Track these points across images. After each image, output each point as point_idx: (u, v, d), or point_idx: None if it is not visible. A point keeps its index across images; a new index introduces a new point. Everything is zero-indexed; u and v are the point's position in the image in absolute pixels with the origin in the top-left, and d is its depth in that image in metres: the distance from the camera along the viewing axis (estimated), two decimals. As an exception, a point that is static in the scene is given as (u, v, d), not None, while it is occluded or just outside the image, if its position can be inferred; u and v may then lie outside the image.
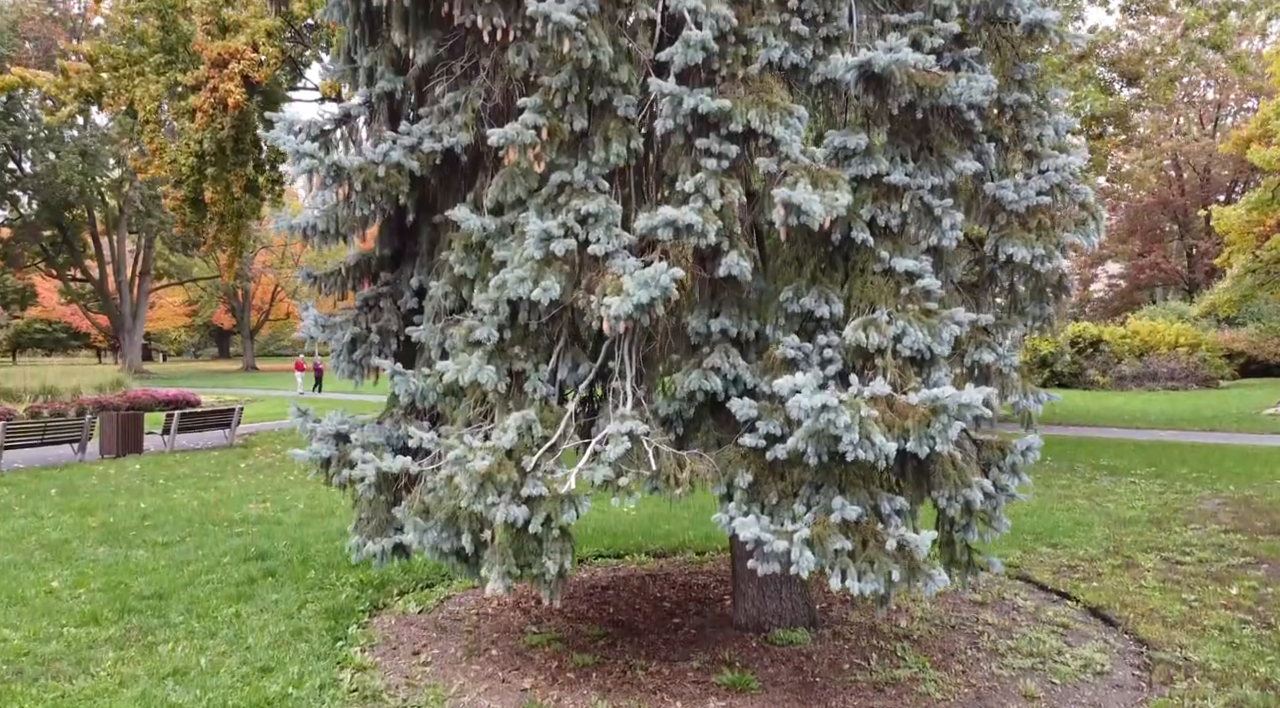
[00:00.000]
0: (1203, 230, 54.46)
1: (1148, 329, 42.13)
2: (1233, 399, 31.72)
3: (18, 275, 65.26)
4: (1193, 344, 41.56)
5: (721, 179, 5.01)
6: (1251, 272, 32.10)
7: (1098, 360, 39.62)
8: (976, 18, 5.43)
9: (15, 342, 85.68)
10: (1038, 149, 5.46)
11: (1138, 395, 34.83)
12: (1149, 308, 56.75)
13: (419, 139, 5.61)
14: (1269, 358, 43.92)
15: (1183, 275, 66.01)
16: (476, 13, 5.43)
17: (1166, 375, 38.74)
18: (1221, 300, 34.98)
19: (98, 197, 57.92)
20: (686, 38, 5.00)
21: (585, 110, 5.28)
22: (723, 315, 5.23)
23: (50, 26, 55.66)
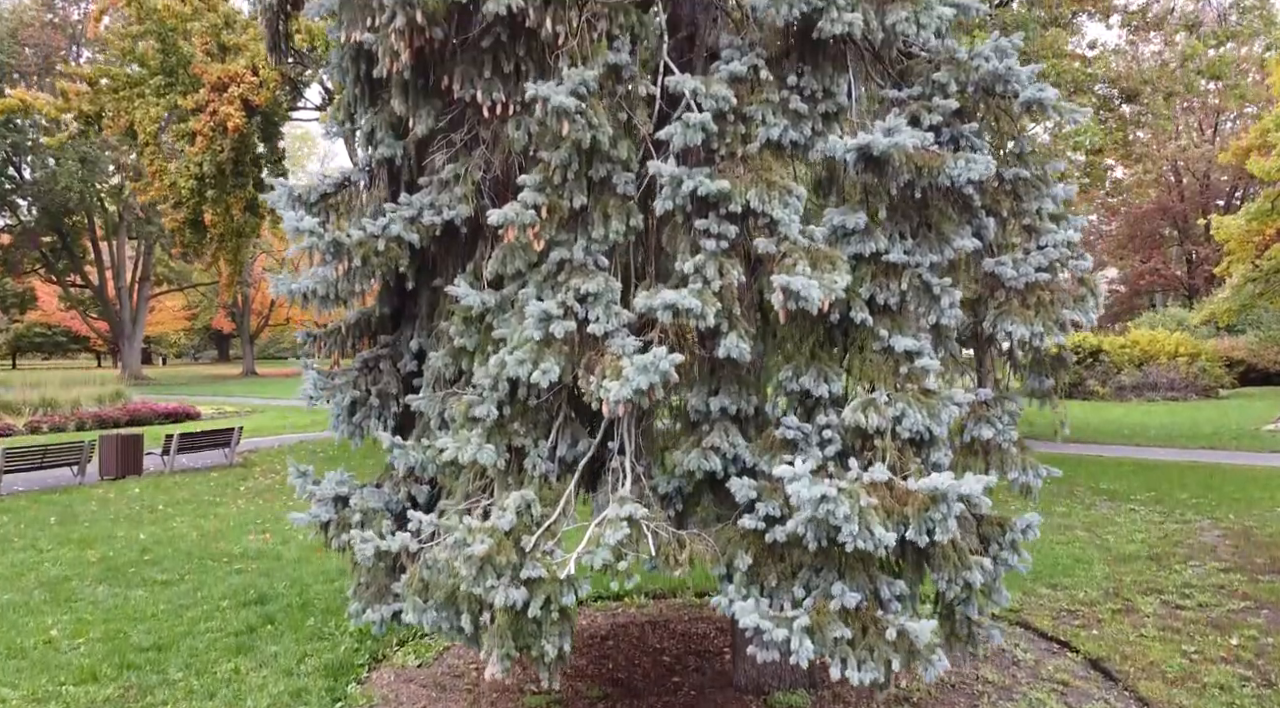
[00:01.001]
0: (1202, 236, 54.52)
1: (1147, 339, 42.12)
2: (1232, 411, 31.69)
3: (17, 279, 65.23)
4: (1192, 354, 41.55)
5: (721, 260, 5.01)
6: (1251, 281, 32.13)
7: (1097, 371, 39.61)
8: (976, 91, 5.43)
9: (15, 345, 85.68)
10: (1036, 223, 5.46)
11: (1137, 406, 34.84)
12: (1148, 314, 56.78)
13: (419, 210, 5.61)
14: (1269, 366, 43.93)
15: (1182, 281, 66.05)
16: (476, 87, 5.44)
17: (1166, 386, 38.73)
18: (1221, 310, 34.98)
19: (97, 203, 57.90)
20: (686, 119, 5.00)
21: (585, 187, 5.28)
22: (722, 393, 5.24)
23: (50, 33, 55.66)
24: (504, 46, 5.48)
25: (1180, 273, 64.93)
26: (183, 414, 31.73)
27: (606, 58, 5.30)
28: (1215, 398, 37.91)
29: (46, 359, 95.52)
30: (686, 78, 5.14)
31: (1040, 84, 5.35)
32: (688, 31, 6.46)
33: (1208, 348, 42.87)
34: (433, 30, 5.30)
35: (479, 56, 5.48)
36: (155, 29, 17.75)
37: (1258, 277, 32.06)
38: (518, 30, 5.45)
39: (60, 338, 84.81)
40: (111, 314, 61.12)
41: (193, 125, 17.46)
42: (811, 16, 5.11)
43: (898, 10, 5.26)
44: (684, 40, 6.46)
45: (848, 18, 5.05)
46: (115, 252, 61.83)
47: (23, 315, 75.31)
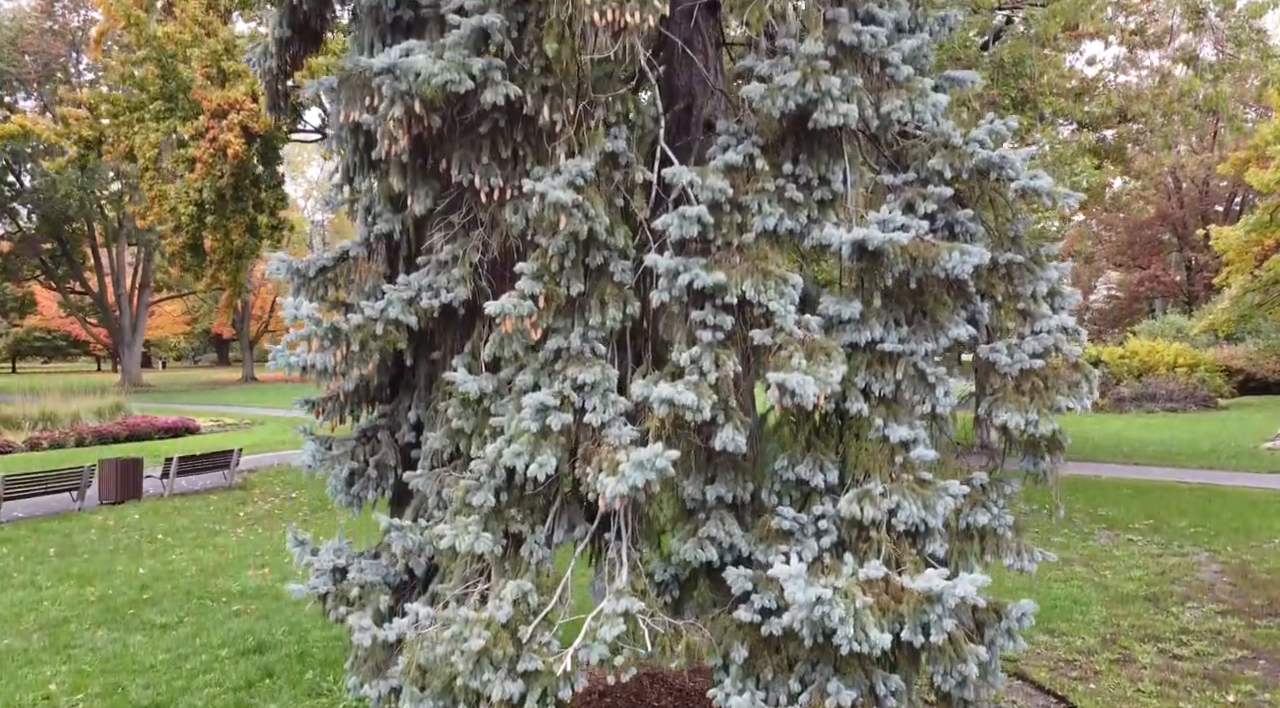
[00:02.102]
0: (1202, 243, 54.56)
1: (1146, 349, 42.14)
2: (1231, 424, 31.69)
3: (17, 285, 65.26)
4: (1191, 364, 41.57)
5: (717, 351, 5.03)
6: (1250, 291, 32.14)
7: (1096, 382, 39.51)
8: (971, 176, 5.45)
9: (14, 350, 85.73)
10: (1030, 308, 5.48)
11: (1136, 418, 34.85)
12: (1147, 322, 56.83)
13: (417, 291, 5.63)
14: (1268, 375, 43.93)
15: (1182, 288, 66.07)
16: (474, 172, 5.46)
17: (1165, 397, 38.72)
18: (1220, 320, 35.00)
19: (97, 209, 57.92)
20: (683, 212, 5.02)
21: (582, 274, 5.31)
22: (718, 482, 5.26)
23: (50, 40, 55.65)
24: (502, 132, 5.50)
25: (1180, 279, 64.98)
26: (182, 429, 31.72)
27: (603, 146, 5.33)
28: (1215, 409, 37.91)
29: (46, 363, 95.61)
30: (683, 170, 5.16)
31: (1033, 172, 5.38)
32: (684, 103, 6.49)
33: (1207, 358, 42.89)
34: (431, 118, 5.32)
35: (477, 141, 5.50)
36: (155, 55, 17.76)
37: (1257, 287, 32.08)
38: (516, 116, 5.47)
39: (60, 342, 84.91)
40: (111, 321, 61.15)
41: (192, 152, 17.49)
42: (807, 107, 5.13)
43: (892, 99, 5.28)
44: (682, 111, 6.49)
45: (843, 109, 5.07)
46: (115, 258, 61.86)
47: (22, 320, 75.37)
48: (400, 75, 5.05)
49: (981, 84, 12.15)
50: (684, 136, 6.26)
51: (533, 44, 5.44)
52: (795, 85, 5.05)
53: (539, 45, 5.39)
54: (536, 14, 5.47)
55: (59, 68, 56.21)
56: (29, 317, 74.65)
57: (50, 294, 68.21)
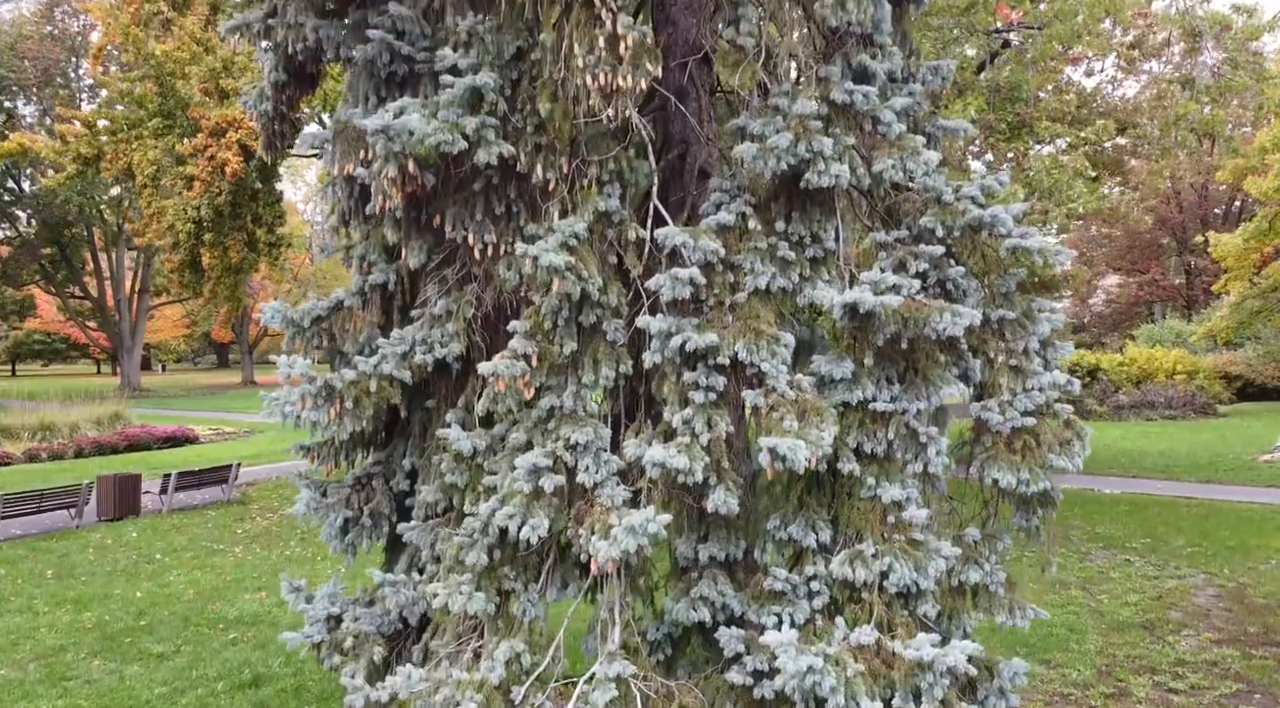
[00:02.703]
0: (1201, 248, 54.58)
1: (1145, 357, 42.16)
2: (1230, 433, 31.70)
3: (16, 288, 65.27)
4: (1190, 371, 41.58)
5: (709, 412, 5.05)
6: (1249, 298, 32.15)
7: (1095, 389, 39.59)
8: (963, 234, 5.46)
9: (14, 352, 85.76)
10: (1023, 364, 5.49)
11: (1135, 427, 34.84)
12: (1146, 327, 56.90)
13: (411, 346, 5.64)
14: (1267, 381, 43.92)
15: (1181, 292, 66.12)
16: (468, 229, 5.48)
17: (1164, 404, 38.71)
18: (1220, 327, 35.03)
19: (97, 214, 57.93)
20: (675, 275, 5.04)
21: (575, 333, 5.32)
22: (710, 541, 5.28)
23: (49, 46, 55.66)
24: (495, 189, 5.52)
25: (1179, 282, 65.01)
26: (181, 438, 31.72)
27: (596, 205, 5.34)
28: (1213, 416, 37.91)
29: (46, 366, 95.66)
30: (675, 231, 5.18)
31: (1024, 229, 5.39)
32: (678, 151, 6.50)
33: (1205, 365, 42.89)
34: (424, 176, 5.34)
35: (471, 198, 5.52)
36: (154, 73, 17.77)
37: (1256, 294, 32.09)
38: (509, 173, 5.49)
39: (59, 345, 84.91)
40: (110, 326, 61.18)
41: (190, 170, 17.50)
42: (799, 167, 5.15)
43: (884, 159, 5.30)
44: (675, 159, 6.50)
45: (835, 170, 5.09)
46: (115, 263, 61.88)
47: (22, 323, 75.39)
48: (394, 136, 5.06)
49: (977, 110, 12.19)
50: (678, 186, 6.27)
51: (526, 102, 5.46)
52: (788, 147, 5.07)
53: (532, 104, 5.41)
54: (530, 72, 5.49)
55: (58, 73, 56.24)
56: (28, 320, 74.67)
57: (50, 297, 68.24)
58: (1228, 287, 34.64)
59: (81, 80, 57.01)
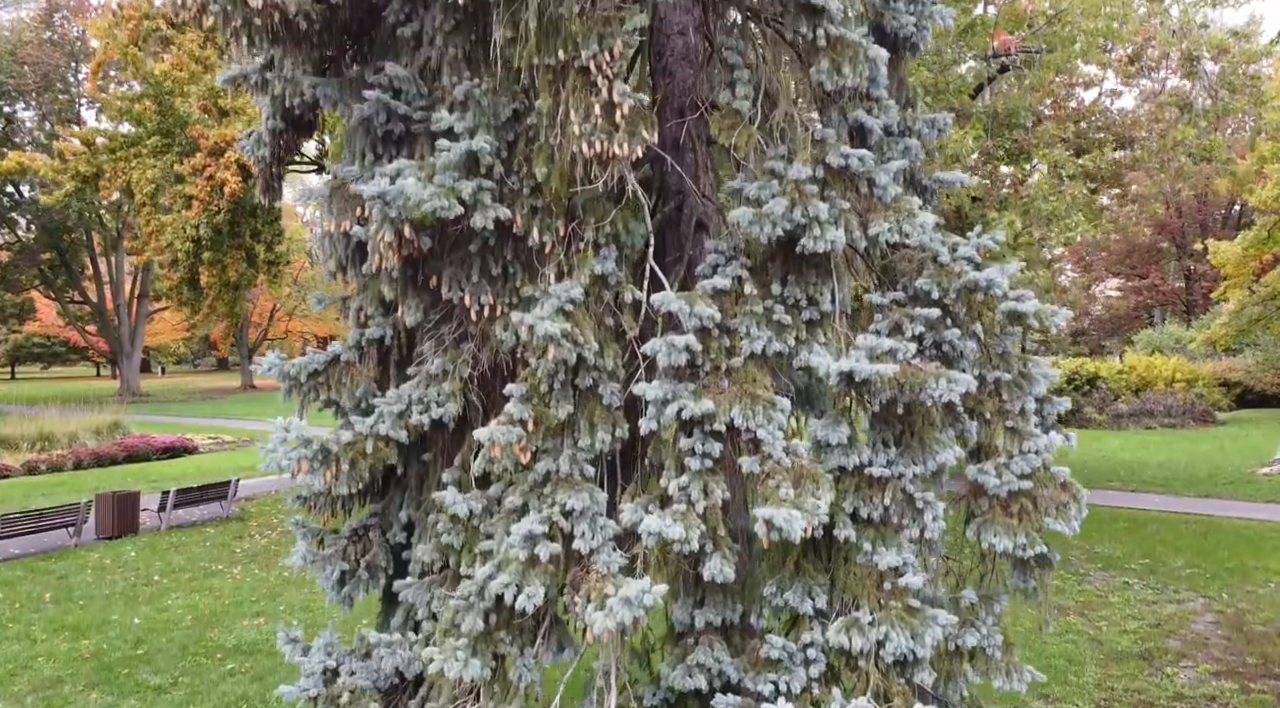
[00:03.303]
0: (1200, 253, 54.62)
1: (1144, 365, 42.16)
2: (1229, 443, 31.70)
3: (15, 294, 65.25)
4: (1189, 379, 41.58)
5: (705, 478, 5.05)
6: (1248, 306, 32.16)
7: (1094, 398, 39.57)
8: (958, 296, 5.45)
9: (13, 355, 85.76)
10: (1019, 426, 5.49)
11: (1134, 436, 34.83)
12: (1146, 332, 56.93)
13: (407, 405, 5.64)
14: (1266, 388, 43.92)
15: (1180, 296, 66.15)
16: (464, 290, 5.47)
17: (1164, 412, 38.69)
18: (1219, 335, 35.06)
19: (96, 219, 57.91)
20: (671, 342, 5.03)
21: (571, 395, 5.31)
22: (707, 606, 5.28)
23: (49, 51, 55.65)
24: (492, 250, 5.52)
25: (1179, 286, 65.05)
26: (180, 449, 31.69)
27: (593, 268, 5.34)
28: (1213, 424, 37.90)
29: (45, 369, 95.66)
30: (671, 298, 5.17)
31: (1020, 292, 5.39)
32: (675, 202, 6.50)
33: (1204, 372, 42.90)
34: (421, 240, 5.33)
35: (467, 259, 5.52)
36: (152, 92, 17.76)
37: (1255, 302, 32.10)
38: (505, 234, 5.49)
39: (59, 348, 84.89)
40: (110, 330, 61.18)
41: (189, 189, 17.50)
42: (795, 232, 5.14)
43: (880, 222, 5.30)
44: (673, 210, 6.50)
45: (831, 235, 5.09)
46: (114, 268, 61.87)
47: (21, 326, 75.40)
48: (390, 201, 5.06)
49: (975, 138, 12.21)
50: (674, 239, 6.28)
51: (522, 164, 5.46)
52: (784, 213, 5.06)
53: (528, 166, 5.41)
54: (526, 133, 5.49)
55: (58, 78, 56.24)
56: (28, 323, 74.68)
57: (50, 302, 68.23)
58: (1227, 294, 34.66)
59: (81, 85, 57.02)
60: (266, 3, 5.26)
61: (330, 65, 6.24)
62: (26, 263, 60.10)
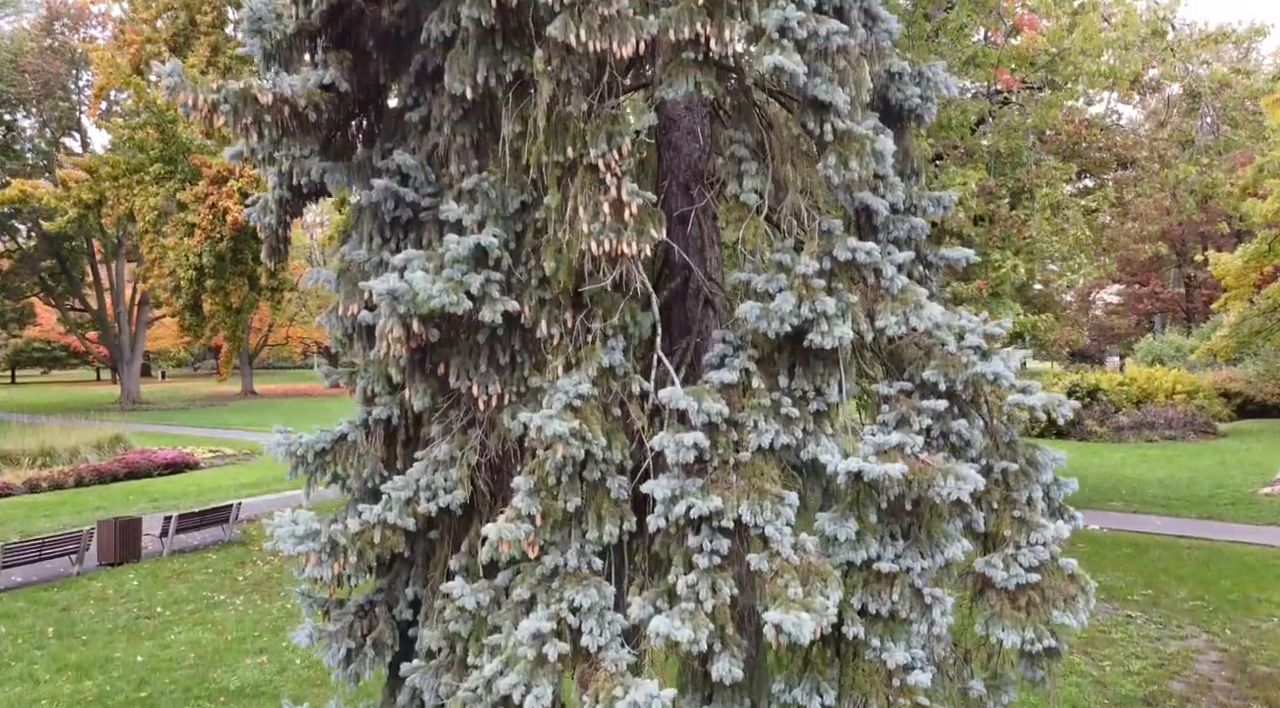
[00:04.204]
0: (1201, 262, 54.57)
1: (1145, 376, 42.18)
2: (1230, 457, 31.70)
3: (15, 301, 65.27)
4: (1190, 391, 41.56)
5: (714, 576, 5.05)
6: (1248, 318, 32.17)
7: (1095, 410, 39.56)
8: (966, 386, 5.46)
9: (14, 360, 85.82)
10: (1027, 515, 5.50)
11: (1135, 449, 34.83)
12: (1146, 341, 56.95)
13: (414, 492, 5.64)
14: (1267, 398, 43.94)
15: (1180, 303, 66.20)
16: (472, 380, 5.48)
17: (1164, 425, 38.68)
18: (1220, 346, 35.07)
19: (96, 225, 57.91)
20: (680, 440, 5.03)
21: (579, 488, 5.31)
22: (715, 703, 5.28)
23: (50, 59, 55.69)
24: (500, 340, 5.52)
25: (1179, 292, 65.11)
26: (181, 464, 31.61)
27: (600, 360, 5.35)
28: (1213, 436, 37.90)
29: (45, 373, 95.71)
30: (679, 394, 5.17)
31: (1026, 383, 5.39)
32: (681, 277, 6.51)
33: (1205, 384, 42.87)
34: (429, 332, 5.34)
35: (475, 349, 5.53)
36: (154, 120, 17.78)
37: (1255, 314, 32.12)
38: (513, 324, 5.50)
39: (59, 353, 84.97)
40: (110, 338, 61.20)
41: (191, 217, 17.51)
42: (803, 327, 5.15)
43: (887, 315, 5.30)
44: (679, 285, 6.51)
45: (838, 331, 5.09)
46: (114, 275, 61.89)
47: (21, 330, 75.44)
48: (399, 297, 5.06)
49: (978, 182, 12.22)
50: (680, 315, 6.28)
51: (530, 255, 5.47)
52: (791, 309, 5.07)
53: (536, 257, 5.42)
54: (534, 224, 5.50)
55: (59, 86, 56.28)
56: (28, 328, 74.70)
57: (50, 308, 68.27)
58: (1227, 305, 34.66)
59: (82, 93, 57.05)
60: (276, 98, 5.27)
61: (338, 146, 6.24)
62: (27, 270, 60.11)
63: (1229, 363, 46.53)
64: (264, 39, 5.79)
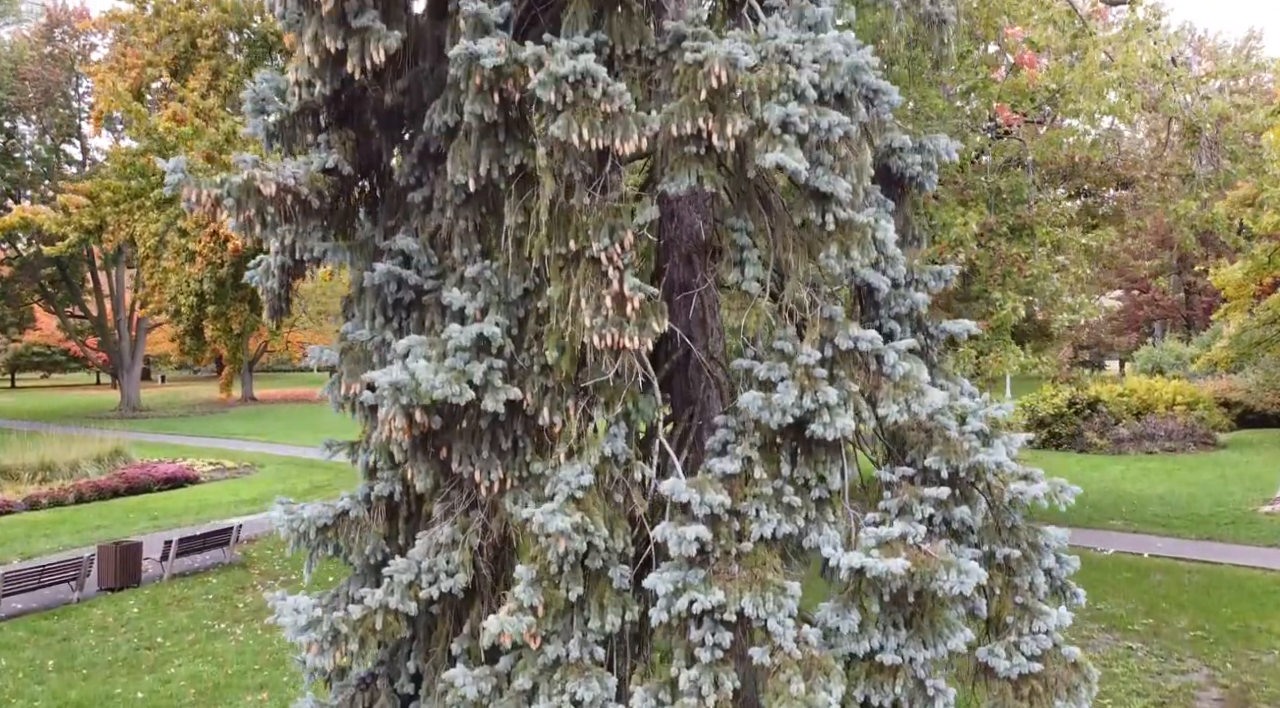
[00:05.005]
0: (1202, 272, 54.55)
1: (1145, 387, 42.11)
2: (1230, 471, 31.66)
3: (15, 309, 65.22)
4: (1190, 402, 41.52)
5: (716, 669, 5.05)
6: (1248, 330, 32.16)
7: (1095, 422, 39.53)
8: (968, 473, 5.46)
9: (13, 364, 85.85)
10: (1029, 602, 5.50)
11: (1136, 462, 34.78)
12: (1145, 349, 56.93)
13: (416, 575, 5.64)
14: (1267, 407, 43.89)
15: (1180, 311, 66.17)
16: (474, 465, 5.49)
17: (1164, 436, 38.61)
18: (1220, 358, 34.98)
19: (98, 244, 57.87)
20: (682, 533, 5.04)
21: (581, 577, 5.32)
22: (719, 795, 5.28)
23: (50, 66, 55.69)
24: (502, 425, 5.53)
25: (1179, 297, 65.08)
26: (181, 479, 31.58)
27: (602, 449, 5.35)
28: (1214, 447, 37.84)
29: (45, 377, 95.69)
30: (681, 487, 5.18)
31: (1028, 470, 5.40)
32: (684, 349, 6.51)
33: (1205, 395, 42.83)
34: (431, 420, 5.34)
35: (478, 434, 5.53)
36: (155, 147, 17.79)
37: (1256, 325, 32.11)
38: (516, 410, 5.50)
39: (59, 357, 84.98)
40: (110, 345, 61.17)
41: (192, 244, 17.51)
42: (805, 418, 5.15)
43: (889, 403, 5.31)
44: (680, 358, 6.51)
45: (840, 423, 5.10)
46: (114, 282, 61.85)
47: (21, 335, 75.42)
48: (402, 388, 5.06)
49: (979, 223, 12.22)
50: (682, 389, 6.28)
51: (533, 342, 5.47)
52: (794, 401, 5.07)
53: (539, 344, 5.42)
54: (536, 311, 5.50)
55: (59, 93, 56.27)
56: (28, 332, 74.71)
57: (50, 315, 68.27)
58: (1228, 316, 34.61)
59: (82, 99, 57.04)
60: (279, 188, 5.28)
61: (340, 220, 6.24)
62: (27, 278, 60.08)
63: (1229, 371, 46.51)
64: (267, 118, 5.79)
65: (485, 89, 4.89)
